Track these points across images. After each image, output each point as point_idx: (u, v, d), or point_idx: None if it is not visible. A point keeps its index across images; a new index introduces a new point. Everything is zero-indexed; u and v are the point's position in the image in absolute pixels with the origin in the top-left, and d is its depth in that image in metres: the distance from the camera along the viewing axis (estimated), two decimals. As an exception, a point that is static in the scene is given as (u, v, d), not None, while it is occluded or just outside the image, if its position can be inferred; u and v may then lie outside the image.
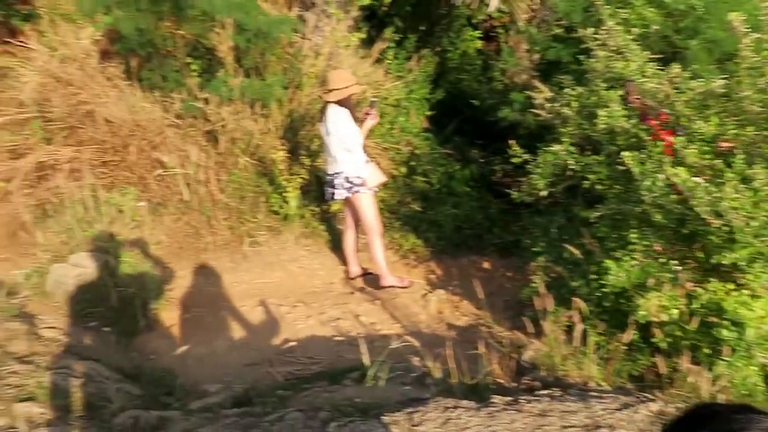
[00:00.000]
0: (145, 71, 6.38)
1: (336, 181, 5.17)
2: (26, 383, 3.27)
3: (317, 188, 6.32)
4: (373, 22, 8.16)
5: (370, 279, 5.57)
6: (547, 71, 6.92)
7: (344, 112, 5.14)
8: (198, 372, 4.16)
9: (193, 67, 6.29)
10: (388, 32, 7.72)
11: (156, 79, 6.34)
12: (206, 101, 6.08)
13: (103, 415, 3.23)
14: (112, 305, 4.50)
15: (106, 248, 4.80)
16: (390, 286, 5.34)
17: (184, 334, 4.72)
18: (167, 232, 5.51)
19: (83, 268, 4.60)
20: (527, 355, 3.73)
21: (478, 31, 9.23)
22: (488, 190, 7.29)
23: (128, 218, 5.11)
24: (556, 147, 4.22)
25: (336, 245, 6.03)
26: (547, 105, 4.68)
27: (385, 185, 5.95)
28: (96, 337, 4.34)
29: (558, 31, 7.22)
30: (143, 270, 4.84)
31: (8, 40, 7.20)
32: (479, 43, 9.30)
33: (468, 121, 8.33)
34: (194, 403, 3.36)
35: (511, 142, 4.47)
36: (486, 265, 6.14)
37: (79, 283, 4.52)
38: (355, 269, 5.60)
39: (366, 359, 3.29)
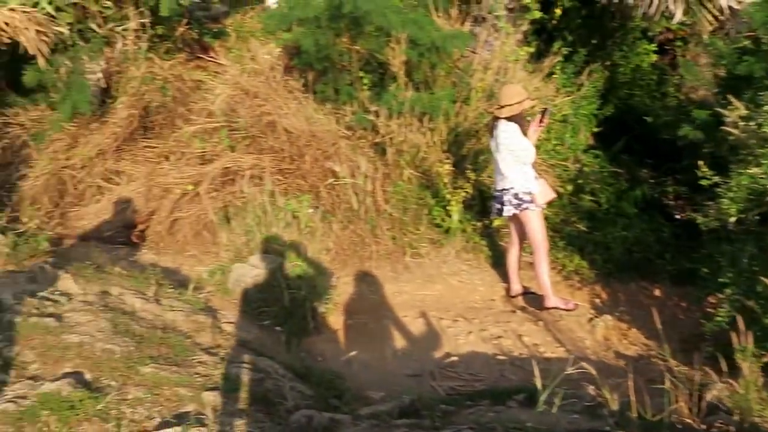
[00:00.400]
0: (320, 84, 6.71)
1: (504, 198, 5.10)
2: (212, 373, 3.51)
3: (480, 203, 6.28)
4: (542, 36, 8.00)
5: (532, 298, 5.43)
6: (734, 87, 6.39)
7: (515, 127, 5.06)
8: (362, 378, 4.25)
9: (365, 80, 6.51)
10: (557, 46, 7.53)
11: (329, 92, 6.64)
12: (376, 114, 6.26)
13: (279, 411, 3.39)
14: (284, 306, 4.73)
15: (281, 251, 5.07)
16: (554, 308, 5.17)
17: (348, 340, 4.86)
18: (335, 239, 5.72)
19: (260, 269, 4.88)
20: (711, 394, 3.44)
21: (653, 44, 8.76)
22: (659, 212, 6.87)
23: (302, 224, 5.37)
24: (753, 170, 3.87)
25: (497, 261, 5.95)
26: (741, 123, 4.31)
27: (550, 203, 5.78)
28: (269, 335, 4.58)
29: (746, 43, 6.66)
30: (313, 274, 5.04)
31: (200, 55, 7.90)
32: (654, 57, 8.81)
33: (638, 139, 7.91)
34: (363, 410, 3.42)
35: (699, 162, 4.18)
36: (657, 292, 5.77)
37: (256, 283, 4.81)
38: (516, 287, 5.48)
39: (538, 382, 3.18)
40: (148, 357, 3.47)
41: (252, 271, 4.84)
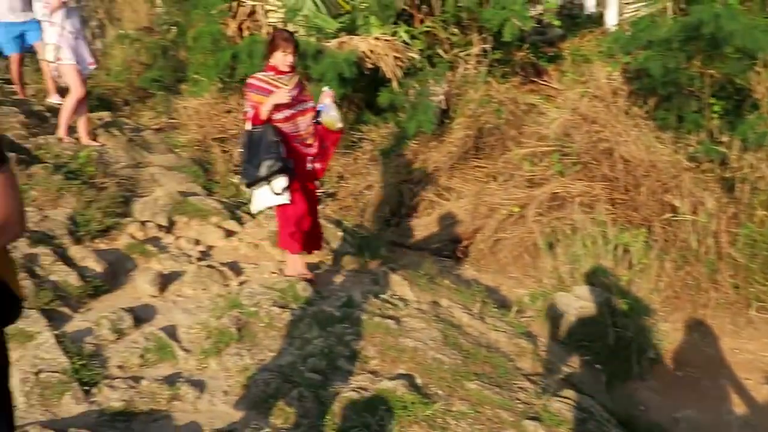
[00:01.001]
0: (661, 111, 6.25)
1: None
2: (533, 402, 3.43)
3: None
4: None
5: None
6: None
7: None
8: (692, 440, 3.80)
9: (716, 107, 5.89)
10: None
11: (672, 120, 6.15)
12: (728, 145, 5.61)
13: (603, 458, 3.18)
14: (608, 344, 4.47)
15: (608, 285, 4.81)
16: None
17: (676, 393, 4.40)
18: (667, 279, 5.24)
19: (585, 301, 4.69)
20: None
21: None
22: None
23: (634, 259, 5.03)
24: None
25: None
26: None
27: None
28: (589, 371, 4.37)
29: None
30: (641, 315, 4.69)
31: (534, 79, 7.98)
32: None
33: None
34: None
35: None
36: None
37: (580, 315, 4.62)
38: None
39: None
40: (473, 373, 3.53)
41: (576, 302, 4.66)
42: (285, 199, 4.09)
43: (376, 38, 6.98)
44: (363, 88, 7.41)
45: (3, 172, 1.28)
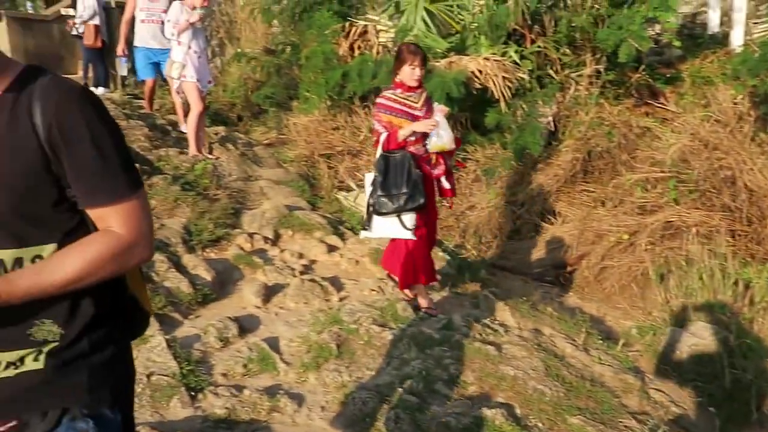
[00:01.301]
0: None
1: None
2: (639, 443, 3.25)
3: None
4: None
5: None
6: None
7: None
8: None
9: None
10: None
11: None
12: None
13: None
14: (724, 386, 4.16)
15: (726, 323, 4.49)
16: None
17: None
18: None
19: (699, 338, 4.40)
20: None
21: None
22: None
23: (757, 297, 4.68)
24: None
25: None
26: None
27: None
28: (702, 414, 4.07)
29: None
30: (763, 357, 4.34)
31: (649, 101, 7.63)
32: None
33: None
34: None
35: None
36: None
37: (693, 353, 4.34)
38: None
39: None
40: (576, 407, 3.39)
41: (689, 339, 4.38)
42: (412, 235, 4.00)
43: (486, 58, 6.92)
44: (470, 108, 7.35)
45: (138, 197, 1.32)
